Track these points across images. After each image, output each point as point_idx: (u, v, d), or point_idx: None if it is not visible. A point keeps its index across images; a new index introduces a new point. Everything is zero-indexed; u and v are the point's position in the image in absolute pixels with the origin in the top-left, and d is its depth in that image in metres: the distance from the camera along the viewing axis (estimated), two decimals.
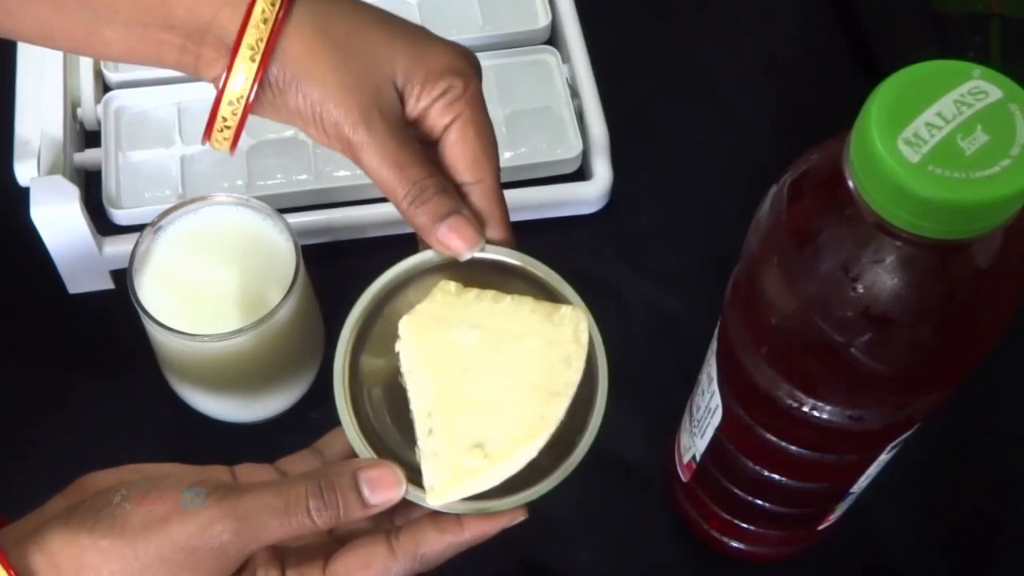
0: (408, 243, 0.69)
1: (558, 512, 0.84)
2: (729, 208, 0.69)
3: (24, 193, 0.86)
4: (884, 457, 0.68)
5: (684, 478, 0.80)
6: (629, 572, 0.83)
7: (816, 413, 0.61)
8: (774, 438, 0.66)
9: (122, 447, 0.86)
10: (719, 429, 0.71)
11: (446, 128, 0.66)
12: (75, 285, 0.92)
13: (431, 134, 0.67)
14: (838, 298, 0.53)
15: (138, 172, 0.94)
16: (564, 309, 0.66)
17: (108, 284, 0.92)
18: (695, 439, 0.75)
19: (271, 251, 0.79)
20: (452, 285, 0.66)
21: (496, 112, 0.98)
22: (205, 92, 0.72)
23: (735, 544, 0.81)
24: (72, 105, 0.95)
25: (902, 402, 0.61)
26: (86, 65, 0.96)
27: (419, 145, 0.65)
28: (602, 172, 0.95)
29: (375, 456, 0.64)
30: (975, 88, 0.49)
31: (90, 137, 0.97)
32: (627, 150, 0.97)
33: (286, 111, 0.65)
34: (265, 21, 0.62)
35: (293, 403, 0.85)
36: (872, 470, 0.69)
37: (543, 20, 1.01)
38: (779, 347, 0.60)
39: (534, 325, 0.65)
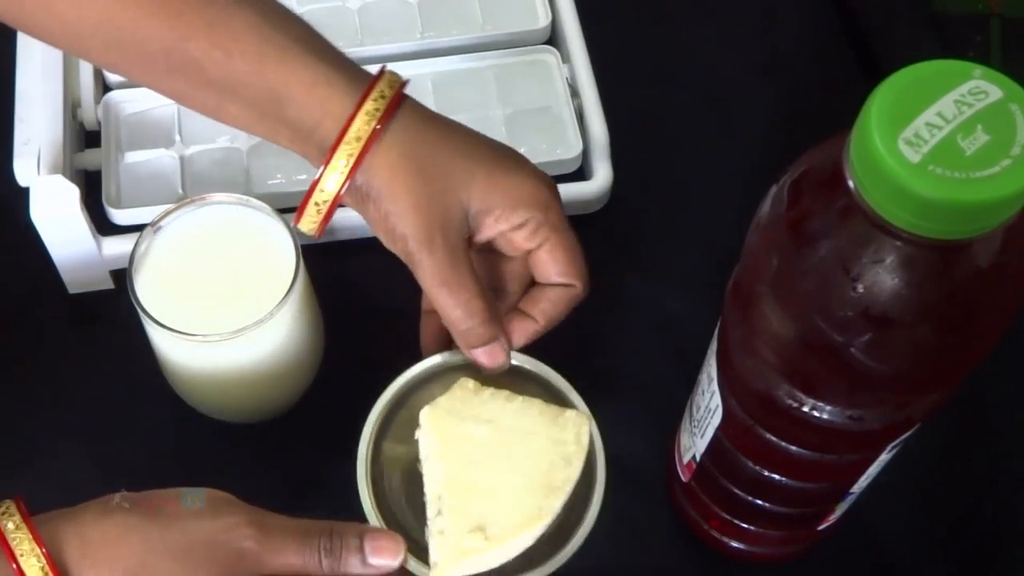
0: None
1: None
2: (729, 208, 0.69)
3: (24, 193, 0.86)
4: (884, 457, 0.68)
5: (684, 478, 0.80)
6: (629, 572, 0.83)
7: (816, 413, 0.61)
8: (774, 438, 0.66)
9: (122, 447, 0.86)
10: (719, 429, 0.71)
11: (533, 250, 0.75)
12: (75, 285, 0.91)
13: (514, 252, 0.76)
14: (838, 298, 0.53)
15: (138, 172, 0.94)
16: (569, 413, 0.74)
17: (108, 284, 0.92)
18: (695, 439, 0.75)
19: (271, 251, 0.79)
20: (471, 383, 0.75)
21: (496, 112, 0.98)
22: None
23: (735, 544, 0.81)
24: (72, 105, 0.95)
25: (902, 402, 0.61)
26: (86, 65, 0.96)
27: (479, 265, 0.75)
28: (602, 172, 0.95)
29: (385, 527, 0.72)
30: (975, 88, 0.49)
31: (90, 137, 0.97)
32: (627, 150, 0.96)
33: (364, 213, 0.73)
34: (358, 139, 0.70)
35: (292, 403, 0.85)
36: (872, 470, 0.69)
37: (543, 20, 1.02)
38: (779, 347, 0.60)
39: (540, 425, 0.74)
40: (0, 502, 0.64)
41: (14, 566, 0.62)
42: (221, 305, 0.77)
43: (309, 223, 0.74)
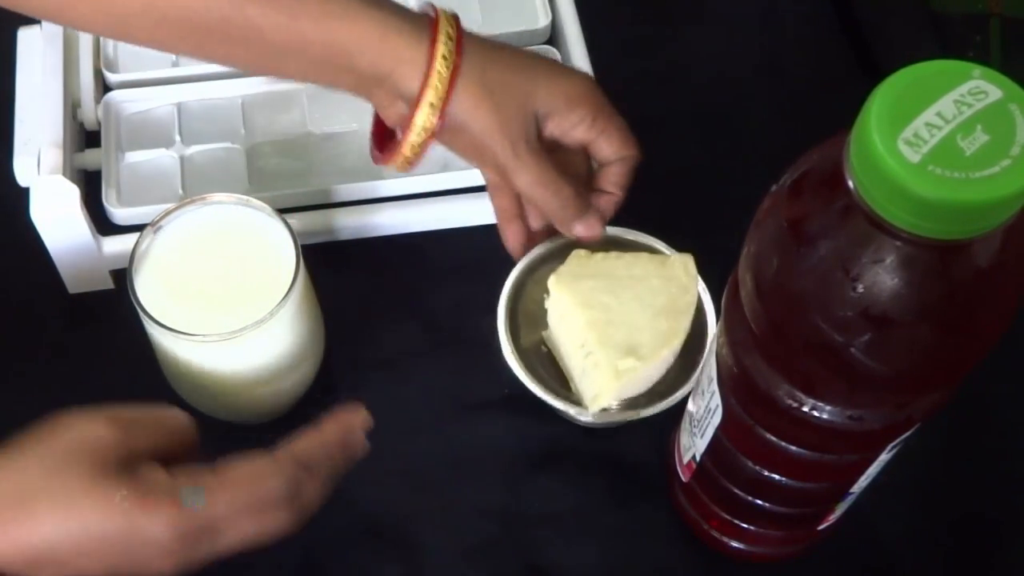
0: (409, 242, 0.71)
1: (558, 511, 0.85)
2: (729, 208, 0.69)
3: (24, 193, 0.86)
4: (884, 457, 0.68)
5: (684, 478, 0.80)
6: (629, 572, 0.83)
7: (816, 413, 0.61)
8: (774, 438, 0.66)
9: None
10: (719, 429, 0.71)
11: (594, 140, 0.83)
12: (75, 285, 0.92)
13: (575, 143, 0.84)
14: (838, 298, 0.53)
15: (138, 172, 0.94)
16: (673, 256, 0.85)
17: (108, 284, 0.92)
18: (695, 439, 0.75)
19: (271, 251, 0.79)
20: (583, 251, 0.84)
21: None
22: (204, 92, 0.73)
23: (735, 544, 0.81)
24: (72, 105, 0.95)
25: (902, 402, 0.61)
26: (86, 65, 0.96)
27: (552, 159, 0.82)
28: None
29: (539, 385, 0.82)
30: (975, 88, 0.49)
31: (90, 137, 0.97)
32: None
33: (453, 143, 0.81)
34: (440, 81, 0.76)
35: (293, 403, 0.85)
36: (872, 470, 0.69)
37: (543, 20, 1.02)
38: (779, 347, 0.60)
39: (652, 269, 0.83)
40: None
41: None
42: (221, 305, 0.77)
43: (402, 162, 0.80)
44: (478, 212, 0.93)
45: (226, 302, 0.77)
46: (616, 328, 0.80)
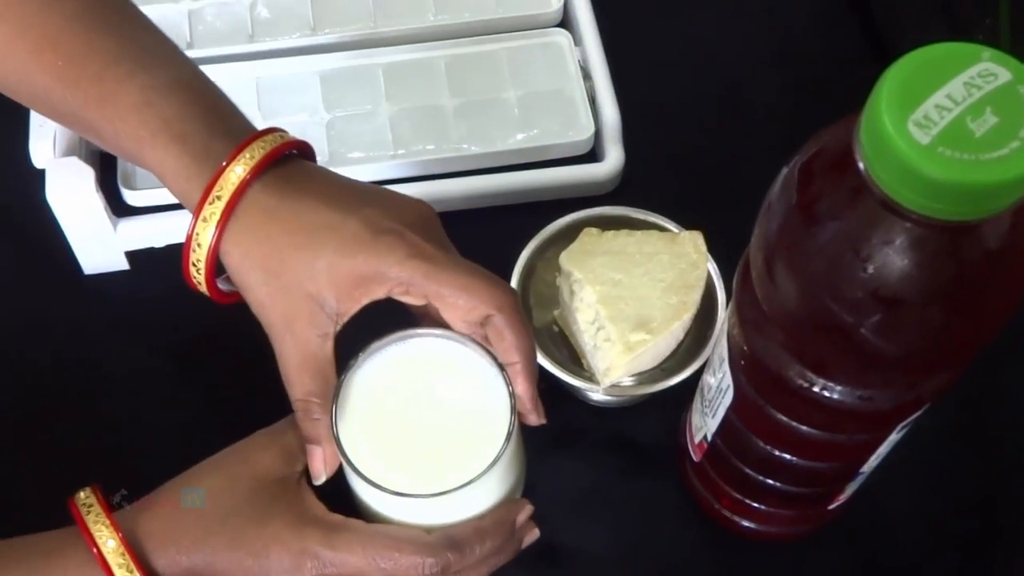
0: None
1: (571, 490, 0.85)
2: (740, 190, 0.69)
3: (40, 175, 0.87)
4: (894, 437, 0.68)
5: (695, 458, 0.80)
6: (640, 550, 0.84)
7: (826, 393, 0.62)
8: (785, 418, 0.67)
9: (136, 423, 0.87)
10: (730, 409, 0.71)
11: (429, 305, 0.70)
12: (90, 266, 0.92)
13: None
14: (848, 279, 0.54)
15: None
16: (683, 233, 0.85)
17: (123, 264, 0.92)
18: (706, 419, 0.76)
19: (479, 393, 0.72)
20: (594, 229, 0.85)
21: (509, 94, 0.99)
22: (220, 75, 0.74)
23: (746, 523, 0.82)
24: None
25: (912, 382, 0.61)
26: None
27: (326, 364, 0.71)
28: (614, 154, 0.96)
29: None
30: (984, 70, 0.49)
31: None
32: (638, 131, 0.97)
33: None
34: (204, 242, 0.69)
35: None
36: (882, 450, 0.70)
37: (555, 3, 1.02)
38: (789, 328, 0.60)
39: (662, 246, 0.84)
40: (80, 490, 0.69)
41: (95, 551, 0.66)
42: (426, 450, 0.71)
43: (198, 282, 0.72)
44: (489, 193, 0.93)
45: (431, 451, 0.71)
46: (627, 303, 0.81)
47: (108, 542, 0.66)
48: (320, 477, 0.71)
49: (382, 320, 0.71)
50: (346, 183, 0.72)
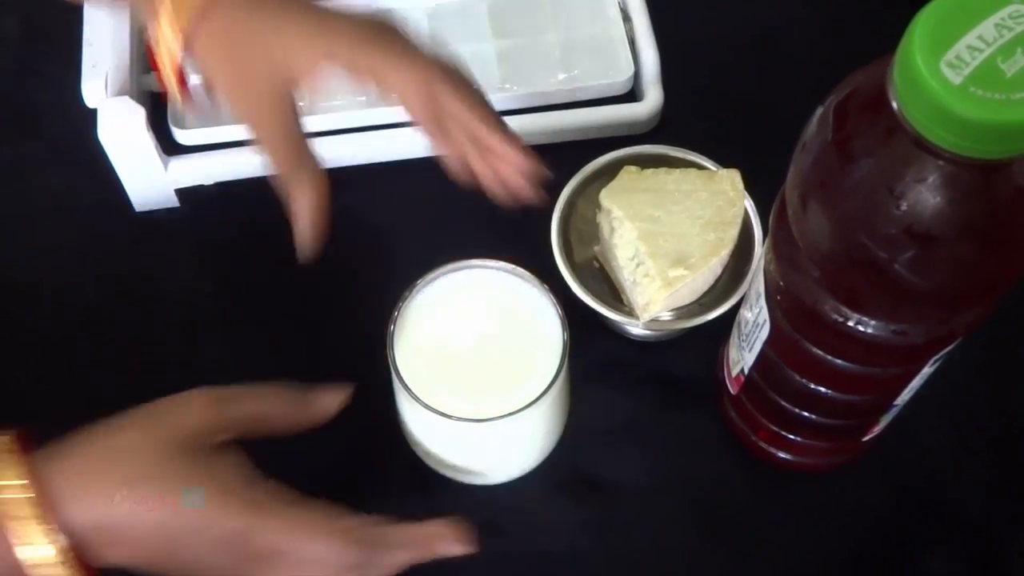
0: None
1: (611, 422, 0.86)
2: (776, 130, 0.69)
3: (92, 114, 0.88)
4: (927, 370, 0.68)
5: (733, 391, 0.81)
6: (678, 481, 0.85)
7: (861, 328, 0.62)
8: (820, 352, 0.67)
9: (184, 359, 0.88)
10: (766, 343, 0.72)
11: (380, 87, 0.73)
12: (141, 203, 0.94)
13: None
14: (882, 216, 0.54)
15: (203, 93, 0.95)
16: (721, 171, 0.86)
17: (173, 202, 0.94)
18: (743, 353, 0.77)
19: (534, 323, 0.76)
20: (633, 168, 0.86)
21: (550, 37, 0.99)
22: None
23: (782, 455, 0.82)
24: (139, 28, 0.95)
25: (944, 317, 0.62)
26: None
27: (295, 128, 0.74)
28: (653, 95, 0.96)
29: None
30: (1015, 12, 0.50)
31: None
32: (677, 72, 0.97)
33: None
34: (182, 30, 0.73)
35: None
36: (915, 383, 0.70)
37: None
38: (824, 264, 0.61)
39: (700, 184, 0.84)
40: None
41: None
42: (479, 377, 0.74)
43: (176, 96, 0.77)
44: (531, 132, 0.94)
45: (483, 378, 0.74)
46: (666, 239, 0.81)
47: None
48: (304, 225, 0.73)
49: (440, 252, 0.73)
50: None
